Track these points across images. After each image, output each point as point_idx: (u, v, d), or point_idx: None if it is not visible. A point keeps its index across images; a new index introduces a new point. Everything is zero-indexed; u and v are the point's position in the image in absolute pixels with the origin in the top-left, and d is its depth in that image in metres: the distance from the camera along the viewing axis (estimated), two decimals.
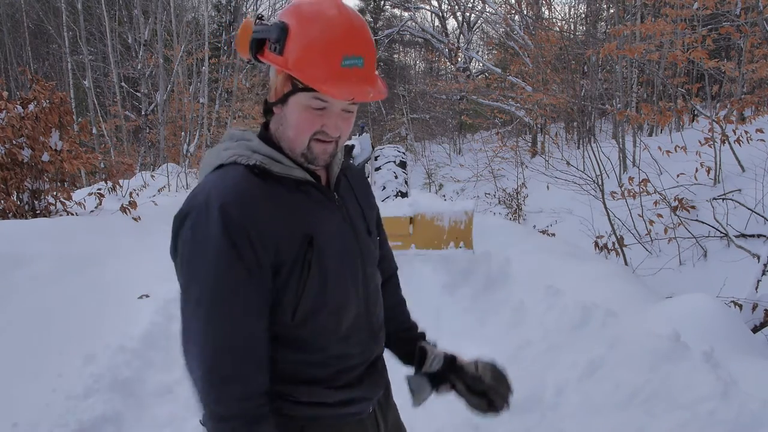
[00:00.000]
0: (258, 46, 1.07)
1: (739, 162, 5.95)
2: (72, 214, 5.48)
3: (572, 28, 14.34)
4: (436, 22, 21.89)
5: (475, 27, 20.03)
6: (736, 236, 4.87)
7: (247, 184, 1.04)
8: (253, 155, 1.07)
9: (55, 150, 5.22)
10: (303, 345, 1.09)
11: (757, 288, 3.52)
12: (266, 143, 1.09)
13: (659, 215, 5.60)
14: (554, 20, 14.51)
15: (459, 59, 18.69)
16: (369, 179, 6.55)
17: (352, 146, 5.15)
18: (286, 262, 1.03)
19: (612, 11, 11.61)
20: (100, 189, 5.93)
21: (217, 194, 1.01)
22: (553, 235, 6.44)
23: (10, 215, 5.07)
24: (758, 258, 3.84)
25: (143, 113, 14.13)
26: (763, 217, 4.84)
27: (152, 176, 9.41)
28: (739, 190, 5.35)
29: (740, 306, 3.47)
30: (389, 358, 1.36)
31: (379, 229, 1.34)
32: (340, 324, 1.11)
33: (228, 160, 1.07)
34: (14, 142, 4.99)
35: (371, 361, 1.20)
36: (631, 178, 6.05)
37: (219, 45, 14.75)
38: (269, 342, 1.06)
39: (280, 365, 1.08)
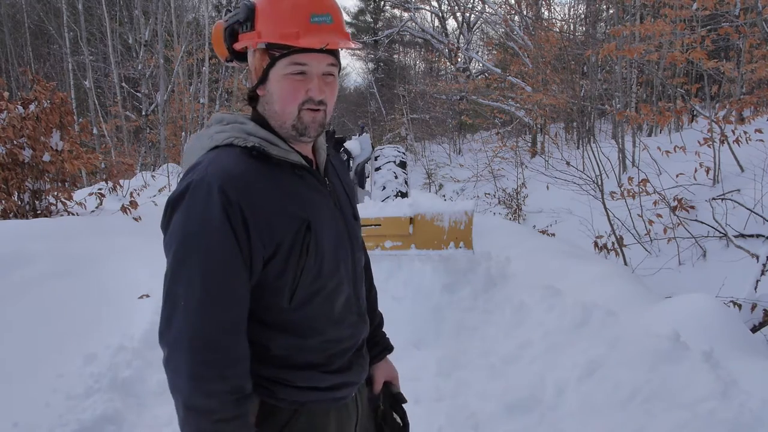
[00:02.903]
0: (232, 35, 1.10)
1: (738, 162, 5.95)
2: (73, 214, 5.49)
3: (572, 28, 14.34)
4: (436, 23, 21.92)
5: (475, 27, 20.04)
6: (735, 236, 4.87)
7: (245, 166, 1.04)
8: (249, 138, 1.07)
9: (56, 150, 5.23)
10: (299, 329, 1.10)
11: (756, 288, 3.52)
12: (261, 127, 1.10)
13: (659, 215, 5.60)
14: (554, 21, 14.52)
15: (459, 59, 18.69)
16: (369, 179, 6.55)
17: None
18: (282, 245, 1.04)
19: (611, 12, 11.62)
20: (100, 189, 5.94)
21: (216, 175, 1.01)
22: (553, 235, 6.45)
23: (11, 215, 5.08)
24: (757, 258, 3.84)
25: (144, 113, 14.14)
26: (762, 217, 4.84)
27: (153, 176, 9.42)
28: (738, 190, 5.35)
29: (739, 306, 3.47)
30: None
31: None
32: (333, 307, 1.13)
33: (223, 142, 1.07)
34: (15, 142, 4.99)
35: (358, 345, 1.22)
36: (630, 179, 6.05)
37: None
38: (251, 330, 1.06)
39: (274, 351, 1.09)
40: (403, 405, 1.36)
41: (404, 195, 5.86)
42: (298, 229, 1.05)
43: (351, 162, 6.20)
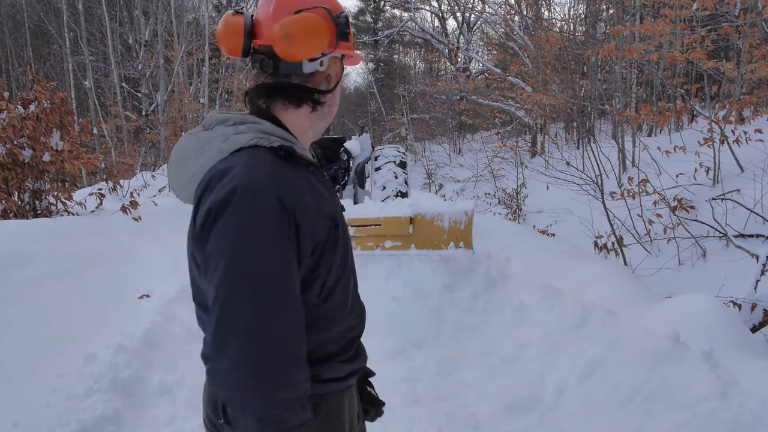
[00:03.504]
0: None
1: (738, 162, 5.96)
2: (73, 214, 5.48)
3: (572, 28, 14.34)
4: (436, 23, 21.93)
5: (475, 27, 20.05)
6: (735, 236, 4.88)
7: (283, 169, 1.03)
8: (271, 137, 1.07)
9: (56, 150, 5.23)
10: (323, 323, 1.13)
11: (755, 288, 3.52)
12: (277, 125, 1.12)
13: (658, 215, 5.60)
14: (554, 21, 14.53)
15: (459, 59, 18.70)
16: (369, 179, 6.55)
17: None
18: (320, 243, 1.07)
19: (611, 12, 11.62)
20: (100, 189, 5.94)
21: (265, 179, 0.98)
22: (553, 235, 6.45)
23: (11, 215, 5.08)
24: (757, 258, 3.85)
25: (144, 113, 14.14)
26: (761, 217, 4.84)
27: (153, 176, 9.40)
28: (738, 190, 5.36)
29: (739, 306, 3.47)
30: None
31: None
32: (348, 297, 1.18)
33: (248, 144, 1.04)
34: (15, 142, 4.99)
35: (362, 332, 1.28)
36: (630, 179, 6.06)
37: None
38: None
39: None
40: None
41: (404, 195, 5.86)
42: (330, 226, 1.09)
43: (351, 162, 6.20)
